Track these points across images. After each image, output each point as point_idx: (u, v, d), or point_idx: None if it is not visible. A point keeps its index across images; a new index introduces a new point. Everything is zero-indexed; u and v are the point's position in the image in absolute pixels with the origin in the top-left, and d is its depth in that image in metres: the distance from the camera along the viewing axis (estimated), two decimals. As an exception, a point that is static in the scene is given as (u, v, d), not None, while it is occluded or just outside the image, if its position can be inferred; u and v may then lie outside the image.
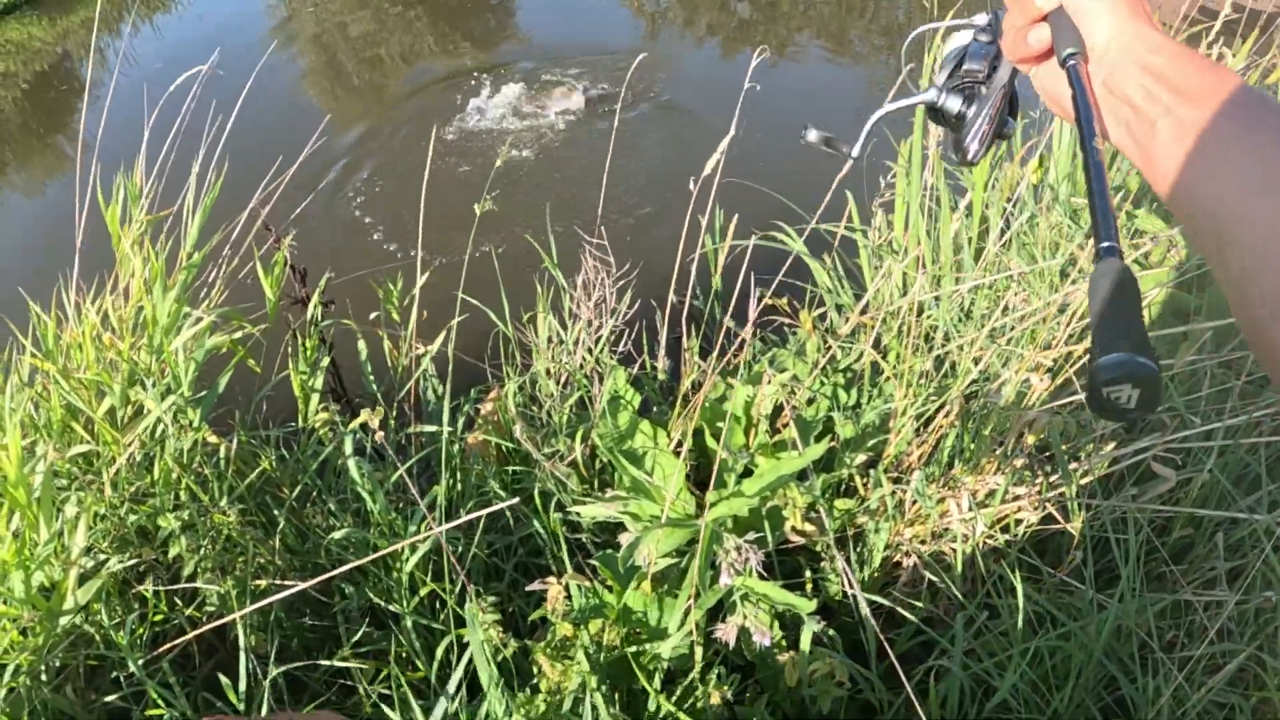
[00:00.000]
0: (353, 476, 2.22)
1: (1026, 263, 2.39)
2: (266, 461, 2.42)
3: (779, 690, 2.04)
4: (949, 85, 1.07)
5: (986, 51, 1.05)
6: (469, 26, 7.83)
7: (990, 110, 1.03)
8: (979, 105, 1.03)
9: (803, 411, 2.33)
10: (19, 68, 7.87)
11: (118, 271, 2.65)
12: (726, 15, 7.87)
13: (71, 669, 2.24)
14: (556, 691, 1.95)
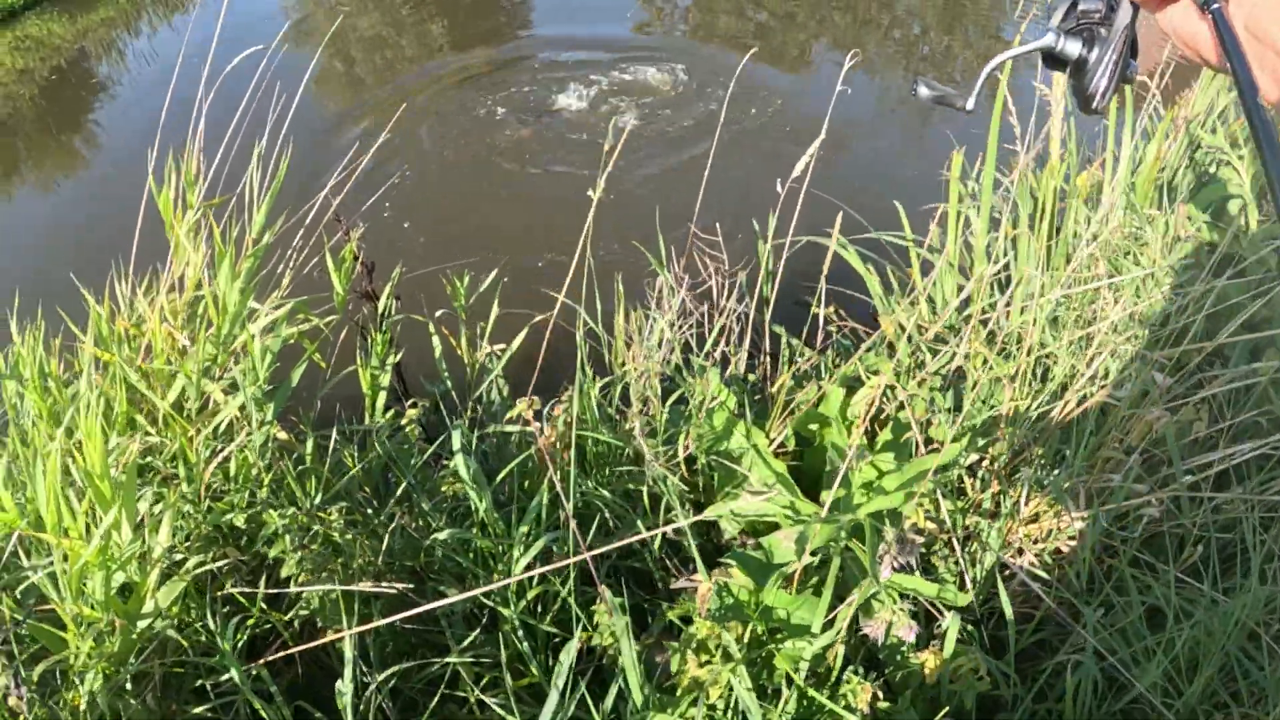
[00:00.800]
0: (460, 475, 2.14)
1: (1117, 265, 2.45)
2: (350, 459, 2.32)
3: (909, 687, 2.04)
4: (1065, 28, 1.01)
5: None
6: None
7: (1114, 53, 0.96)
8: (1101, 48, 0.97)
9: (896, 414, 2.34)
10: (37, 64, 7.75)
11: (171, 260, 2.52)
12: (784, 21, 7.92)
13: (149, 676, 2.10)
14: (699, 689, 1.91)
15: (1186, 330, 2.18)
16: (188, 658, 2.11)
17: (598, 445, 2.37)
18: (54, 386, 2.46)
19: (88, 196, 5.88)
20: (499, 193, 5.33)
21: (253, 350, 2.26)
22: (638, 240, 2.89)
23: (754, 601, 2.03)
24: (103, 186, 5.92)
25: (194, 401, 2.29)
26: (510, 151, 5.74)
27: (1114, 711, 2.00)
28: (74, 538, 1.97)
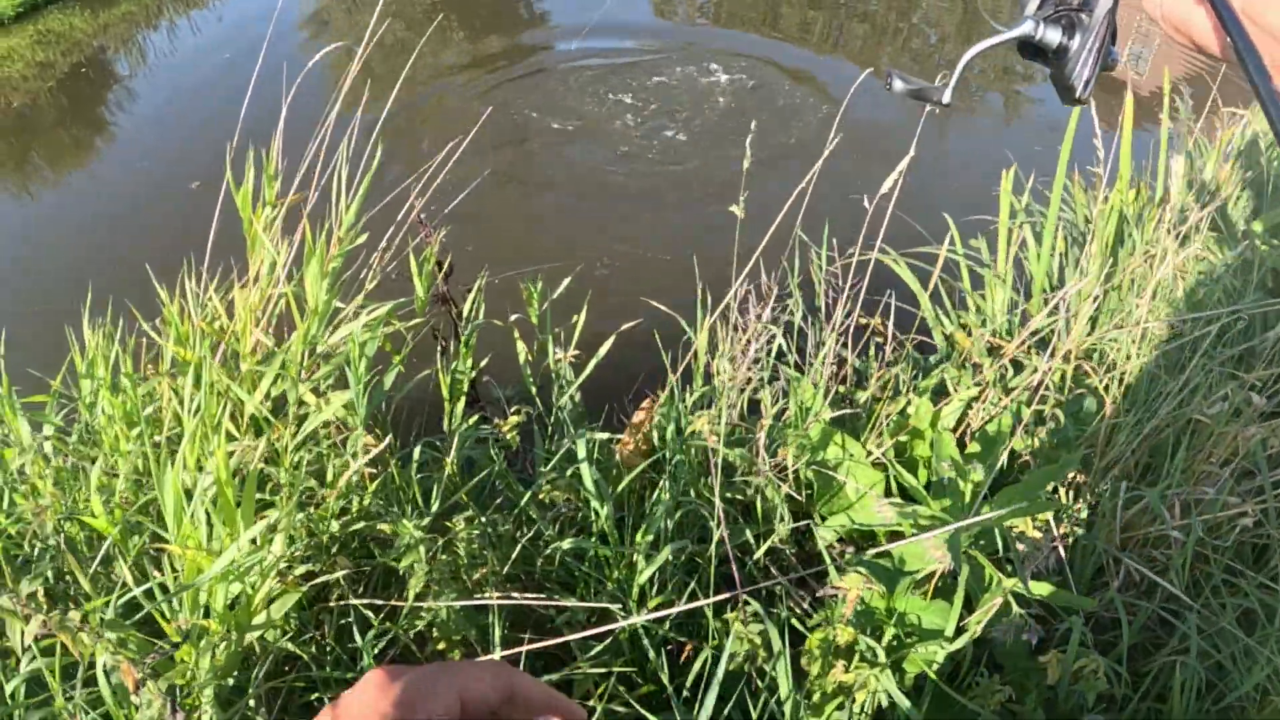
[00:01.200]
0: (585, 484, 2.14)
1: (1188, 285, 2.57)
2: (451, 466, 2.29)
3: (1031, 688, 2.11)
4: (1044, 16, 0.98)
5: None
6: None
7: (1095, 39, 0.94)
8: (1082, 35, 0.95)
9: (984, 427, 2.42)
10: (58, 57, 7.66)
11: (249, 258, 2.44)
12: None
13: (259, 692, 2.04)
14: (844, 694, 1.95)
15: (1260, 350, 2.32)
16: (307, 672, 2.06)
17: (695, 455, 2.39)
18: (128, 386, 2.36)
19: (122, 193, 5.81)
20: (577, 197, 5.38)
21: (354, 351, 2.21)
22: (713, 247, 2.91)
23: (885, 607, 2.08)
24: (134, 181, 5.90)
25: (293, 404, 2.23)
26: (587, 157, 5.77)
27: (1213, 710, 2.11)
28: (194, 548, 1.91)
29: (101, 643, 1.63)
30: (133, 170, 6.04)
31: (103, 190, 5.88)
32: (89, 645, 1.62)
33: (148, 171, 5.93)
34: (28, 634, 1.58)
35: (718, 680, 1.86)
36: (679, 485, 2.28)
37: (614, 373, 2.58)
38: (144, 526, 2.22)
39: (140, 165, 6.05)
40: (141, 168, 6.01)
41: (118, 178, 6.00)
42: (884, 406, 2.42)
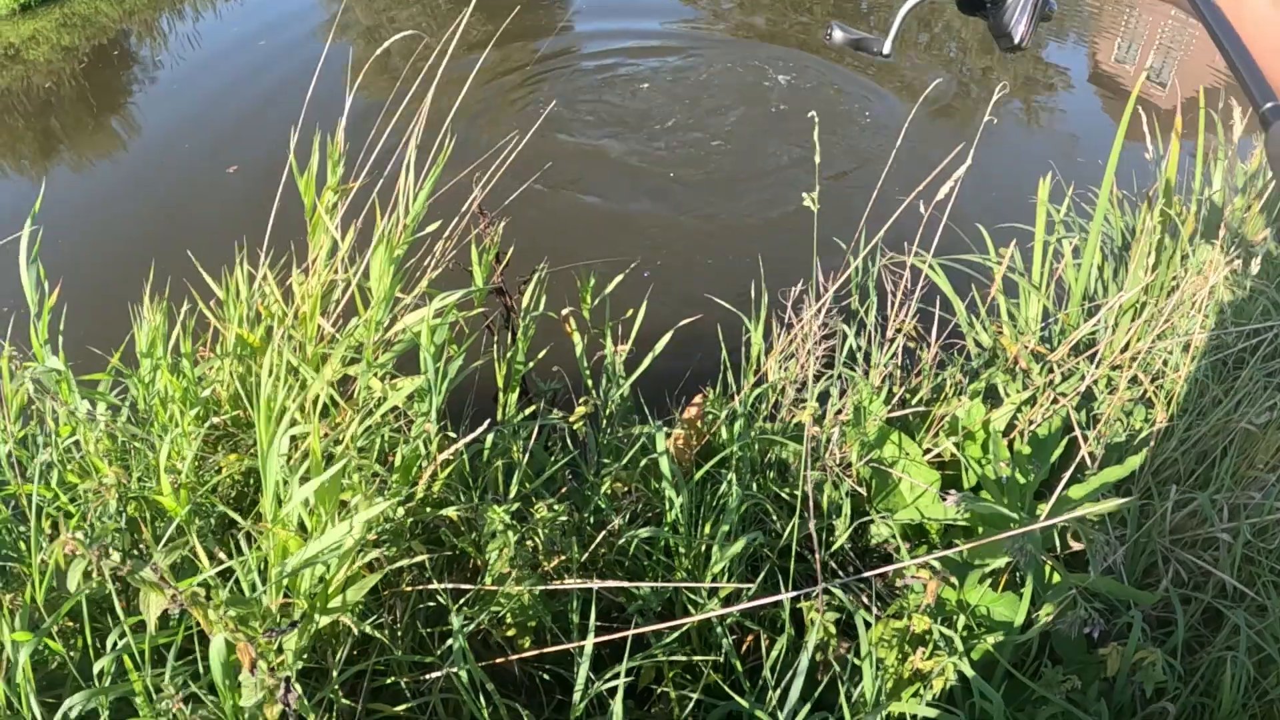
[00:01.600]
0: (663, 473, 2.16)
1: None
2: (518, 454, 2.29)
3: (1090, 679, 2.18)
4: None
5: None
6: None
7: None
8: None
9: (1034, 431, 2.50)
10: (81, 42, 7.61)
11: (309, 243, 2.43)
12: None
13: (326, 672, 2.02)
14: (921, 680, 2.00)
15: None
16: (384, 656, 2.05)
17: (745, 450, 2.42)
18: (186, 366, 2.34)
19: (160, 176, 5.80)
20: (638, 190, 5.38)
21: (426, 337, 2.21)
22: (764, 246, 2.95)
23: (956, 599, 2.13)
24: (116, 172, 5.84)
25: (362, 388, 2.22)
26: (647, 150, 5.77)
27: (1256, 705, 2.20)
28: (285, 529, 1.90)
29: (222, 620, 1.62)
30: (171, 153, 6.01)
31: (142, 173, 5.88)
32: (216, 621, 1.60)
33: (186, 154, 5.93)
34: (156, 607, 1.56)
35: (803, 669, 1.91)
36: (743, 479, 2.32)
37: (662, 369, 2.60)
38: (207, 507, 2.20)
39: (182, 147, 6.03)
40: (182, 150, 6.00)
41: (155, 160, 5.99)
42: (939, 408, 2.48)
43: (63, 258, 4.76)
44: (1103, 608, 2.25)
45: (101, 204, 5.49)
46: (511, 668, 2.16)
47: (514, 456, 2.30)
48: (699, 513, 2.30)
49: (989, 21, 0.98)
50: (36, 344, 2.25)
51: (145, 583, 1.53)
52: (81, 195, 5.58)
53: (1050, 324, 2.87)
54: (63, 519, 2.16)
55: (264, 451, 1.85)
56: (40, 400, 2.29)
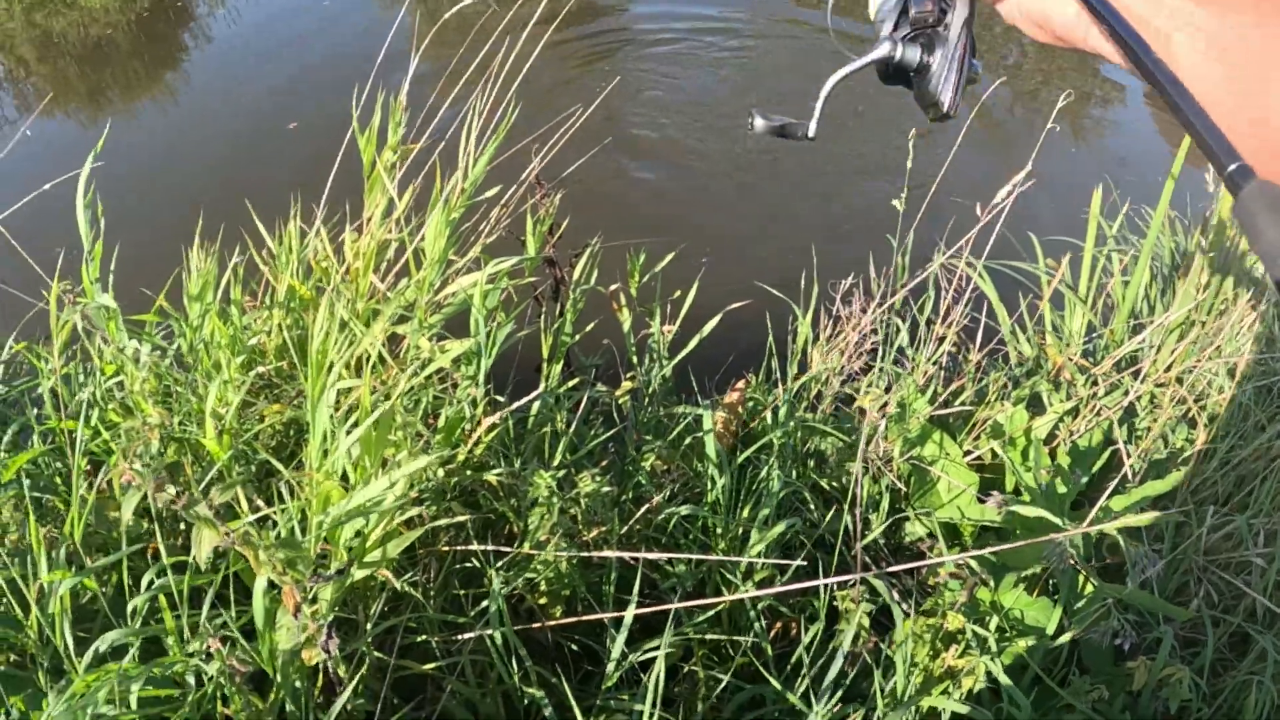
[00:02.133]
0: (708, 454, 2.16)
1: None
2: (560, 422, 2.29)
3: (1117, 692, 2.17)
4: (900, 36, 0.98)
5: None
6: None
7: (958, 52, 0.94)
8: (942, 51, 0.95)
9: (1075, 441, 2.49)
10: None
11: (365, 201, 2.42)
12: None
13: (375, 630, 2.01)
14: (951, 678, 1.99)
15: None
16: (418, 614, 2.04)
17: (788, 437, 2.41)
18: (234, 314, 2.33)
19: (224, 129, 5.79)
20: (696, 174, 5.34)
21: (478, 300, 2.20)
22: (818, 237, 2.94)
23: (990, 600, 2.12)
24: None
25: (412, 346, 2.21)
26: (709, 134, 5.70)
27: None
28: (329, 479, 1.89)
29: (272, 561, 1.61)
30: (231, 107, 6.03)
31: (200, 126, 5.88)
32: (265, 562, 1.60)
33: (246, 110, 5.94)
34: (207, 545, 1.55)
35: (843, 652, 1.90)
36: (784, 466, 2.31)
37: (700, 353, 2.59)
38: (247, 455, 2.19)
39: (241, 102, 6.06)
40: (242, 104, 6.02)
41: (214, 114, 6.00)
42: (982, 411, 2.47)
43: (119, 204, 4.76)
44: (1133, 621, 2.25)
45: (160, 155, 5.50)
46: (542, 635, 2.16)
47: (557, 426, 2.30)
48: (738, 496, 2.29)
49: (914, 92, 0.99)
50: (87, 281, 2.24)
51: (200, 518, 1.53)
52: (138, 146, 5.58)
53: (1095, 338, 2.86)
54: (105, 458, 2.15)
55: (314, 398, 1.84)
56: (87, 337, 2.28)
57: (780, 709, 2.07)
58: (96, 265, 2.25)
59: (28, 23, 7.02)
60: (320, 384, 1.86)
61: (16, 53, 6.78)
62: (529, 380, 2.52)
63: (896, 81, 1.01)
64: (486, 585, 2.06)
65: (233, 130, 5.67)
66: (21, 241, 2.52)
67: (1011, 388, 2.61)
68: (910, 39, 0.97)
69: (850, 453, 2.42)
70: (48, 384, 2.25)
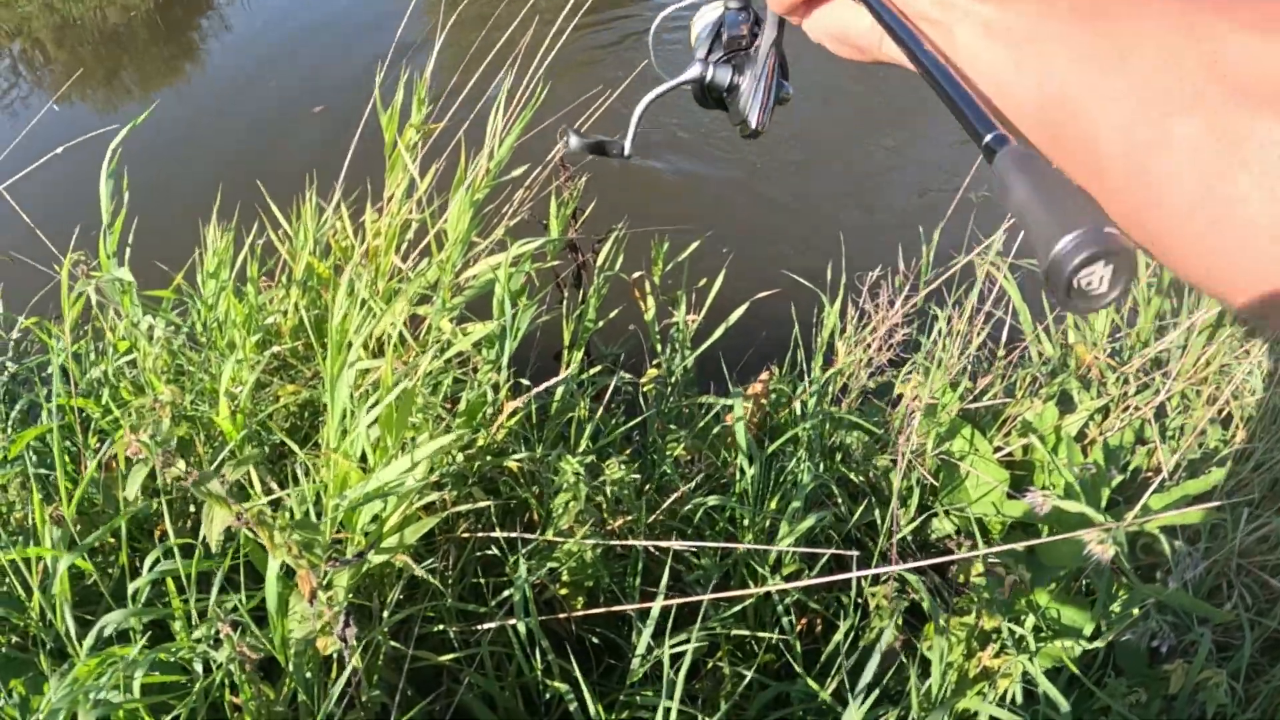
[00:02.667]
0: (739, 443, 2.08)
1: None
2: (582, 410, 2.20)
3: (1153, 695, 2.09)
4: (713, 59, 1.01)
5: (742, 17, 1.00)
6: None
7: (765, 72, 0.96)
8: (751, 71, 0.97)
9: (1108, 440, 2.41)
10: None
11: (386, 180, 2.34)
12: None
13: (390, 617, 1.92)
14: (987, 679, 1.91)
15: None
16: (436, 602, 1.96)
17: (816, 429, 2.33)
18: (250, 292, 2.24)
19: (249, 110, 5.72)
20: (725, 163, 5.21)
21: (503, 281, 2.12)
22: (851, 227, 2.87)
23: (1024, 600, 2.04)
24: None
25: (435, 328, 2.13)
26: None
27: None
28: (347, 459, 1.80)
29: (287, 543, 1.53)
30: (255, 90, 5.96)
31: (226, 108, 5.82)
32: (280, 544, 1.51)
33: (272, 92, 5.88)
34: (220, 522, 1.47)
35: (882, 646, 1.82)
36: (812, 458, 2.23)
37: (723, 343, 2.51)
38: (261, 436, 2.11)
39: (267, 85, 6.00)
40: (268, 88, 5.95)
41: (240, 97, 5.93)
42: (1012, 407, 2.40)
43: (137, 183, 4.66)
44: (1170, 623, 2.17)
45: (183, 138, 5.41)
46: (564, 626, 2.07)
47: (580, 413, 2.21)
48: (764, 488, 2.21)
49: (728, 112, 1.01)
50: (103, 254, 2.16)
51: (211, 495, 1.44)
52: (164, 129, 5.45)
53: (1120, 338, 2.78)
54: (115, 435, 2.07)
55: (332, 375, 1.75)
56: (101, 312, 2.20)
57: (806, 708, 1.99)
58: (115, 239, 2.17)
59: (45, 6, 6.94)
60: (340, 361, 1.78)
61: (34, 37, 6.68)
62: (548, 367, 2.45)
63: (711, 103, 1.02)
64: (509, 574, 1.98)
65: (260, 114, 5.61)
66: (45, 221, 2.43)
67: (1039, 385, 2.53)
68: (723, 61, 0.99)
69: (878, 447, 2.34)
70: (58, 360, 2.16)
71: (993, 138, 0.53)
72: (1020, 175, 0.50)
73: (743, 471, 2.09)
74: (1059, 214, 0.47)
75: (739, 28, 0.98)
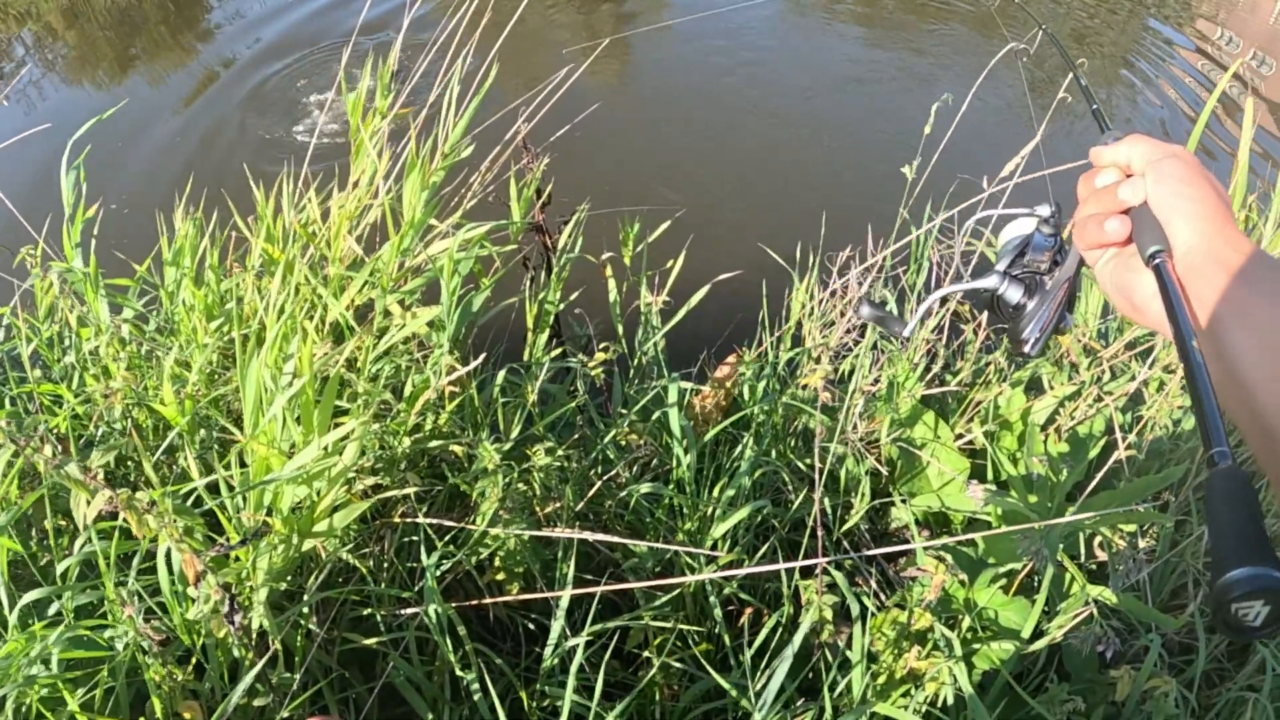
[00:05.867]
0: (671, 429, 1.96)
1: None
2: (531, 395, 2.10)
3: (1097, 702, 1.93)
4: (1011, 273, 1.00)
5: (1050, 244, 1.00)
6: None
7: (1053, 304, 0.95)
8: (1040, 298, 0.96)
9: (1075, 428, 2.23)
10: None
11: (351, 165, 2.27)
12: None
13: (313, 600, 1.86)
14: (914, 681, 1.77)
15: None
16: (362, 586, 1.90)
17: (769, 414, 2.20)
18: (212, 279, 2.19)
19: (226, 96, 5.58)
20: (696, 138, 5.08)
21: (448, 265, 2.02)
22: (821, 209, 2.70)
23: (964, 598, 1.89)
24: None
25: (379, 313, 2.05)
26: (713, 96, 5.46)
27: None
28: (266, 444, 1.73)
29: (168, 528, 1.47)
30: (253, 79, 5.84)
31: (208, 91, 5.73)
32: (154, 529, 1.45)
33: (256, 76, 5.76)
34: (92, 508, 1.42)
35: (792, 650, 1.69)
36: (762, 445, 2.10)
37: (697, 324, 2.39)
38: (212, 421, 2.07)
39: (265, 73, 5.87)
40: (265, 77, 5.83)
41: (233, 85, 5.81)
42: (977, 392, 2.22)
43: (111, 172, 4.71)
44: (1121, 626, 1.99)
45: (182, 125, 5.35)
46: (489, 611, 1.99)
47: (528, 397, 2.12)
48: (715, 475, 2.10)
49: (1008, 325, 1.00)
50: (68, 245, 2.13)
51: (71, 479, 1.38)
52: (161, 116, 5.46)
53: (1110, 319, 2.57)
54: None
55: (242, 364, 1.69)
56: (64, 301, 2.18)
57: (734, 703, 1.87)
58: (77, 230, 2.14)
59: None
60: (250, 349, 1.71)
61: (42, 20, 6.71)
62: (518, 350, 2.36)
63: (993, 309, 1.02)
64: (437, 560, 1.90)
65: (255, 103, 5.49)
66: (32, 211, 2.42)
67: (1013, 368, 2.34)
68: (1017, 279, 0.99)
69: (833, 432, 2.19)
70: (27, 347, 2.14)
71: (1218, 452, 0.58)
72: (1225, 494, 0.55)
73: (679, 460, 1.97)
74: (1241, 546, 0.52)
75: (1043, 254, 0.98)
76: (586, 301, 2.43)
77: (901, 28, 6.60)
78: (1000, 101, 5.18)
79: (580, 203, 2.37)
